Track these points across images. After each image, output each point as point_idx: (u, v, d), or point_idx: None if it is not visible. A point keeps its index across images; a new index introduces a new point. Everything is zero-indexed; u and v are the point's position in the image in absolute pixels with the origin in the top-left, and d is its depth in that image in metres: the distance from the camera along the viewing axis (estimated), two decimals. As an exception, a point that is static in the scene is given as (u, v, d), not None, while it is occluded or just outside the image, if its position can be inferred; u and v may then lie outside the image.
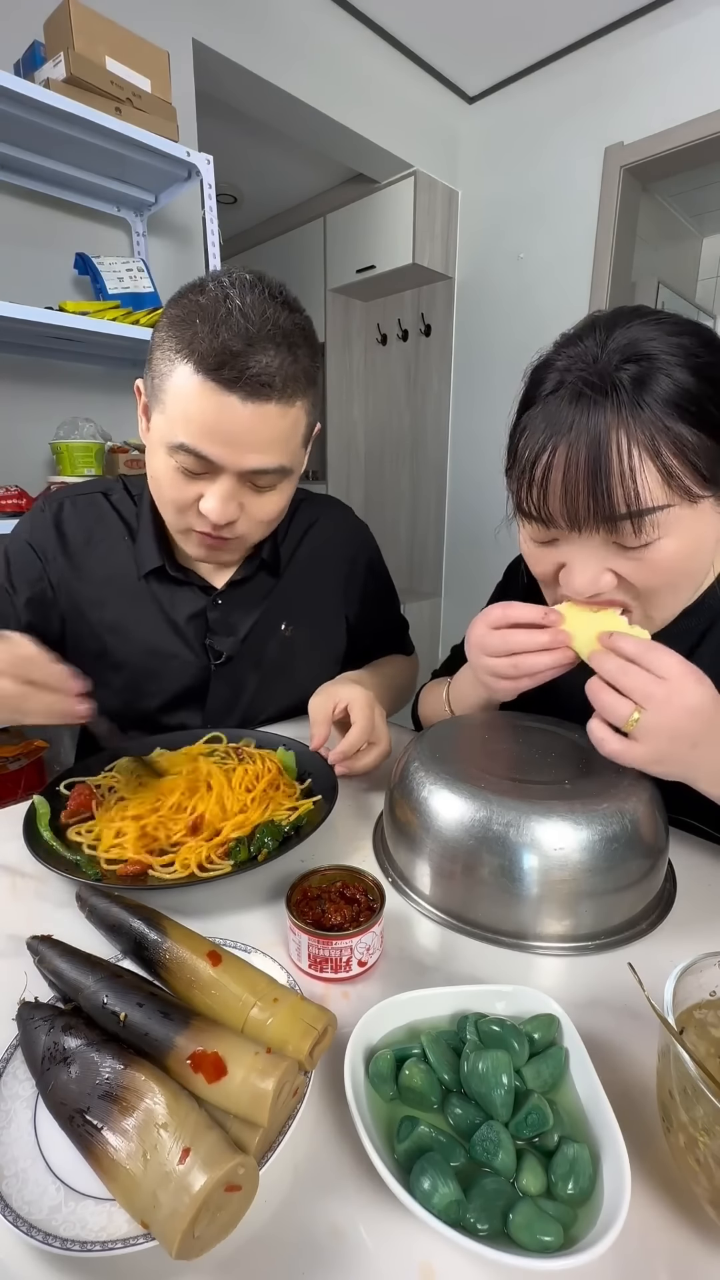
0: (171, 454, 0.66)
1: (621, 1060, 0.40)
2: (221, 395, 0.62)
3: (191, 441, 0.64)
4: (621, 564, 0.54)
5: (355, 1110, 0.33)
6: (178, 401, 0.64)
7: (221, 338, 0.61)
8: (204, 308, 0.62)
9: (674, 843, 0.59)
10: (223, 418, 0.63)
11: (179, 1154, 0.29)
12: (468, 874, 0.51)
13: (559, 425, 0.52)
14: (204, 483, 0.68)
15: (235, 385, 0.62)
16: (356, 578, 0.99)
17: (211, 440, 0.64)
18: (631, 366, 0.50)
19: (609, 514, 0.51)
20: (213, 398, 0.62)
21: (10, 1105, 0.35)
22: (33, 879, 0.58)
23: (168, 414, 0.65)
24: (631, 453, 0.49)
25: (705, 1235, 0.31)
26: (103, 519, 0.85)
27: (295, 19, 2.08)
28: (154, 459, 0.70)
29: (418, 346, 3.07)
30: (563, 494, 0.52)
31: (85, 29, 1.43)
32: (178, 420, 0.64)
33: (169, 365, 0.64)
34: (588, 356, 0.52)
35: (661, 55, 2.15)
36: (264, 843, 0.58)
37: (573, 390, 0.52)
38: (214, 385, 0.62)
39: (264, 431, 0.65)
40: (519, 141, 2.58)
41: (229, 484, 0.68)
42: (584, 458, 0.50)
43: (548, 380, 0.55)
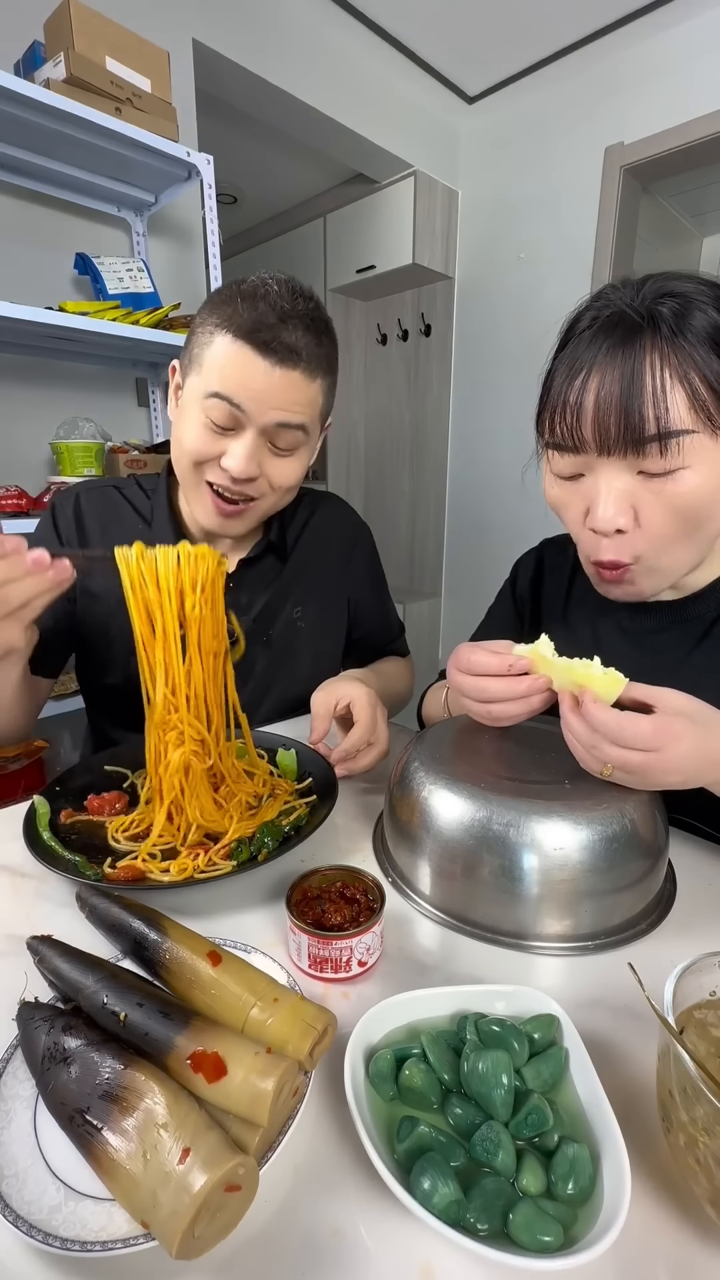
0: (203, 405, 0.73)
1: (621, 1060, 0.40)
2: (255, 357, 0.71)
3: (225, 390, 0.71)
4: (644, 499, 0.56)
5: (355, 1110, 0.33)
6: (214, 361, 0.72)
7: (259, 309, 0.70)
8: (244, 291, 0.72)
9: (674, 843, 0.59)
10: (255, 376, 0.71)
11: (179, 1154, 0.29)
12: (468, 874, 0.51)
13: (596, 352, 0.55)
14: (229, 439, 0.75)
15: (267, 350, 0.70)
16: (357, 563, 1.03)
17: (242, 391, 0.71)
18: (669, 301, 0.54)
19: (638, 435, 0.53)
20: (247, 359, 0.71)
21: (10, 1105, 0.35)
22: (33, 879, 0.58)
23: (204, 373, 0.73)
24: (664, 375, 0.52)
25: (705, 1235, 0.31)
26: (116, 508, 0.90)
27: (295, 19, 2.08)
28: (183, 418, 0.77)
29: (418, 346, 3.07)
30: (595, 415, 0.54)
31: (85, 29, 1.43)
32: (214, 375, 0.72)
33: (208, 337, 0.73)
34: (625, 298, 0.56)
35: (661, 55, 2.15)
36: (264, 843, 0.58)
37: (610, 322, 0.55)
38: (249, 349, 0.70)
39: (289, 393, 0.73)
40: (519, 141, 2.58)
41: (252, 440, 0.74)
42: (619, 378, 0.53)
43: (583, 320, 0.58)
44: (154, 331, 1.61)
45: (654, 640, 0.70)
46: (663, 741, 0.46)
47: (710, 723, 0.49)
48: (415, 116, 2.56)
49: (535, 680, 0.54)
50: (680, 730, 0.47)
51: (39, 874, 0.58)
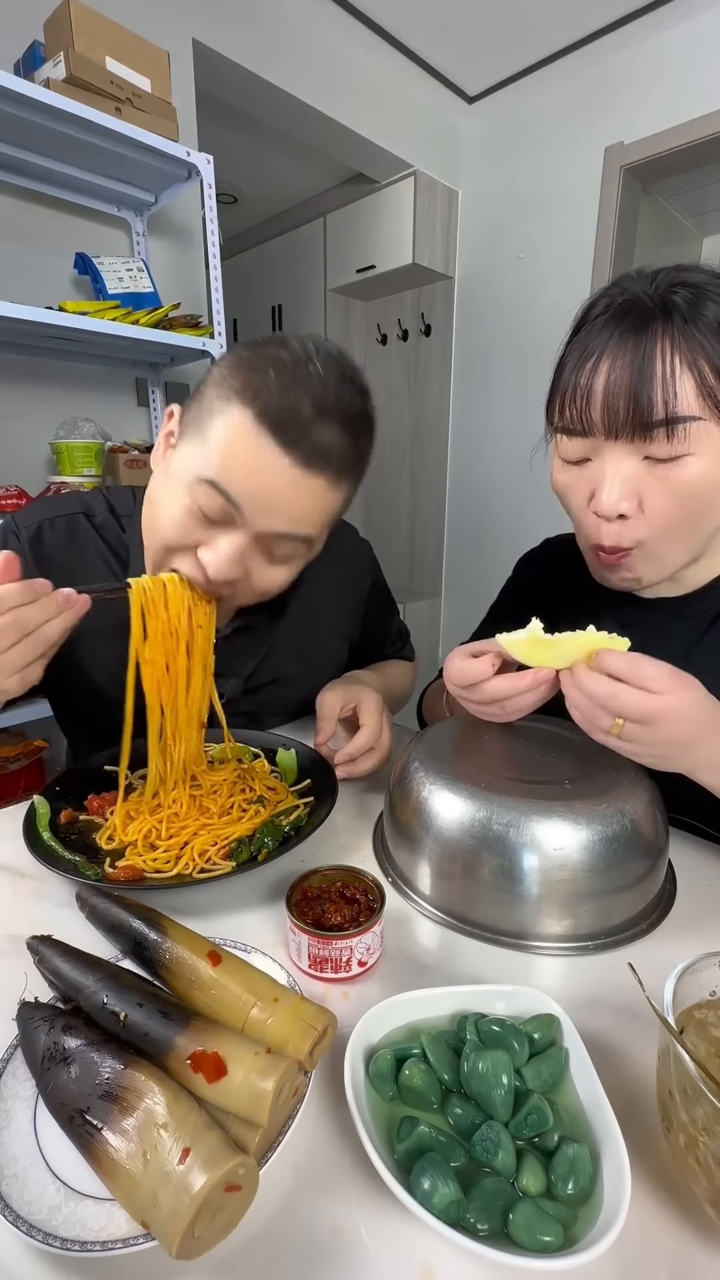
0: (193, 489, 0.60)
1: (621, 1060, 0.40)
2: (276, 453, 0.58)
3: (225, 481, 0.59)
4: (649, 485, 0.56)
5: (355, 1110, 0.33)
6: (224, 439, 0.59)
7: (294, 395, 0.57)
8: (282, 361, 0.58)
9: (674, 843, 0.59)
10: (269, 473, 0.58)
11: (179, 1154, 0.29)
12: (468, 874, 0.51)
13: (609, 337, 0.55)
14: (215, 531, 0.62)
15: (292, 446, 0.58)
16: (360, 601, 0.96)
17: (247, 487, 0.59)
18: (683, 291, 0.54)
19: (646, 419, 0.53)
20: (266, 450, 0.58)
21: (10, 1105, 0.35)
22: (33, 879, 0.58)
23: (207, 447, 0.60)
24: (674, 361, 0.53)
25: (705, 1235, 0.31)
26: (85, 547, 0.76)
27: (295, 19, 2.08)
28: (167, 490, 0.64)
29: (418, 346, 3.07)
30: (605, 398, 0.55)
31: (85, 29, 1.43)
32: (216, 456, 0.59)
33: (225, 402, 0.59)
34: (638, 287, 0.57)
35: (661, 55, 2.15)
36: (264, 843, 0.58)
37: (623, 308, 0.56)
38: (271, 440, 0.57)
39: (305, 502, 0.61)
40: (519, 141, 2.58)
41: (241, 542, 0.62)
42: (629, 363, 0.54)
43: (597, 306, 0.59)
44: (154, 331, 1.61)
45: (655, 637, 0.69)
46: (677, 685, 0.47)
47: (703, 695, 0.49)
48: (415, 116, 2.56)
49: (537, 674, 0.54)
50: (691, 680, 0.48)
51: (39, 874, 0.58)
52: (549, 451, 0.64)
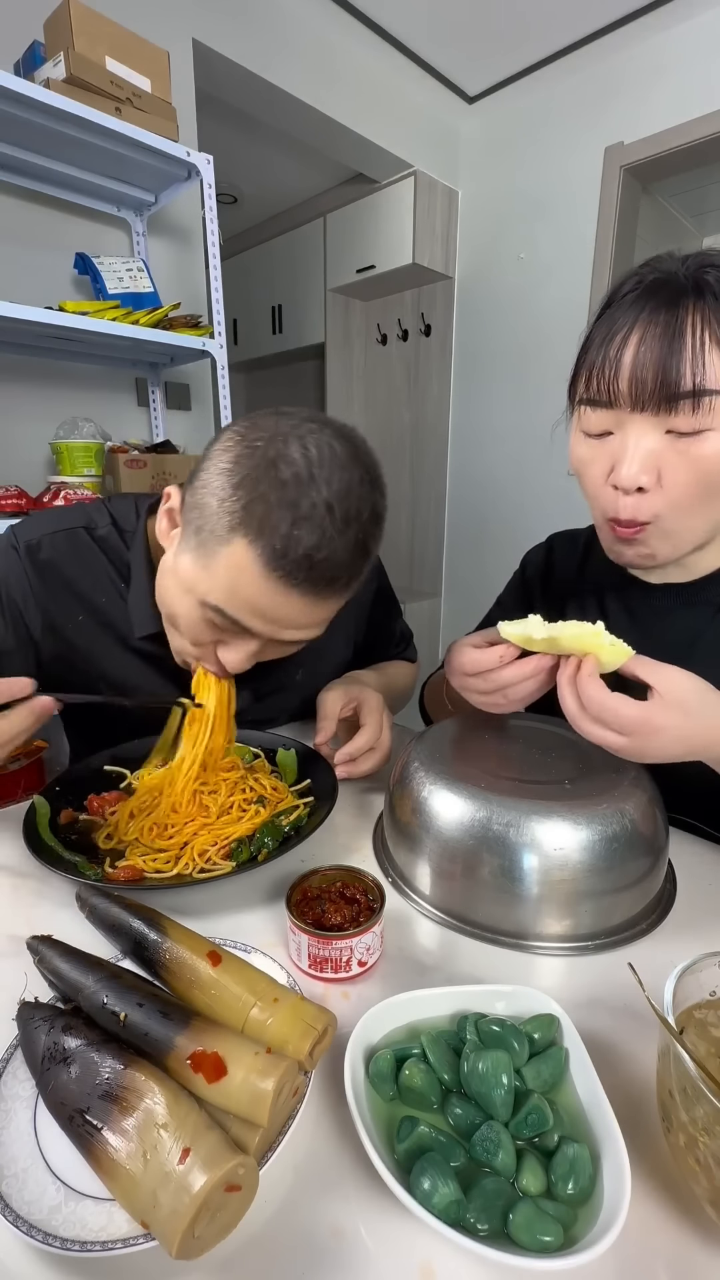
0: (202, 607, 0.59)
1: (621, 1060, 0.40)
2: (284, 593, 0.56)
3: (232, 611, 0.58)
4: (669, 460, 0.56)
5: (355, 1110, 0.33)
6: (229, 573, 0.56)
7: (304, 544, 0.53)
8: (284, 486, 0.53)
9: (674, 843, 0.59)
10: (280, 609, 0.58)
11: (179, 1154, 0.29)
12: (468, 874, 0.51)
13: (639, 312, 0.56)
14: (230, 633, 0.62)
15: (304, 585, 0.56)
16: (365, 605, 0.96)
17: (255, 619, 0.58)
18: (715, 271, 0.55)
19: (673, 391, 0.53)
20: (273, 592, 0.56)
21: (10, 1105, 0.35)
22: (33, 879, 0.58)
23: (211, 574, 0.57)
24: (704, 336, 0.53)
25: (705, 1235, 0.31)
26: (88, 562, 0.74)
27: (295, 19, 2.08)
28: (178, 596, 0.62)
29: (418, 346, 3.07)
30: (633, 369, 0.55)
31: (85, 29, 1.43)
32: (222, 587, 0.57)
33: (227, 530, 0.55)
34: (670, 266, 0.57)
35: (661, 55, 2.15)
36: (264, 843, 0.58)
37: (655, 285, 0.56)
38: (280, 582, 0.55)
39: (314, 618, 0.61)
40: (519, 141, 2.58)
41: (255, 647, 0.62)
42: (659, 335, 0.54)
43: (627, 284, 0.59)
44: (154, 331, 1.61)
45: (662, 624, 0.70)
46: (642, 732, 0.48)
47: (701, 710, 0.49)
48: (415, 116, 2.56)
49: (540, 661, 0.55)
50: (663, 722, 0.48)
51: (39, 874, 0.58)
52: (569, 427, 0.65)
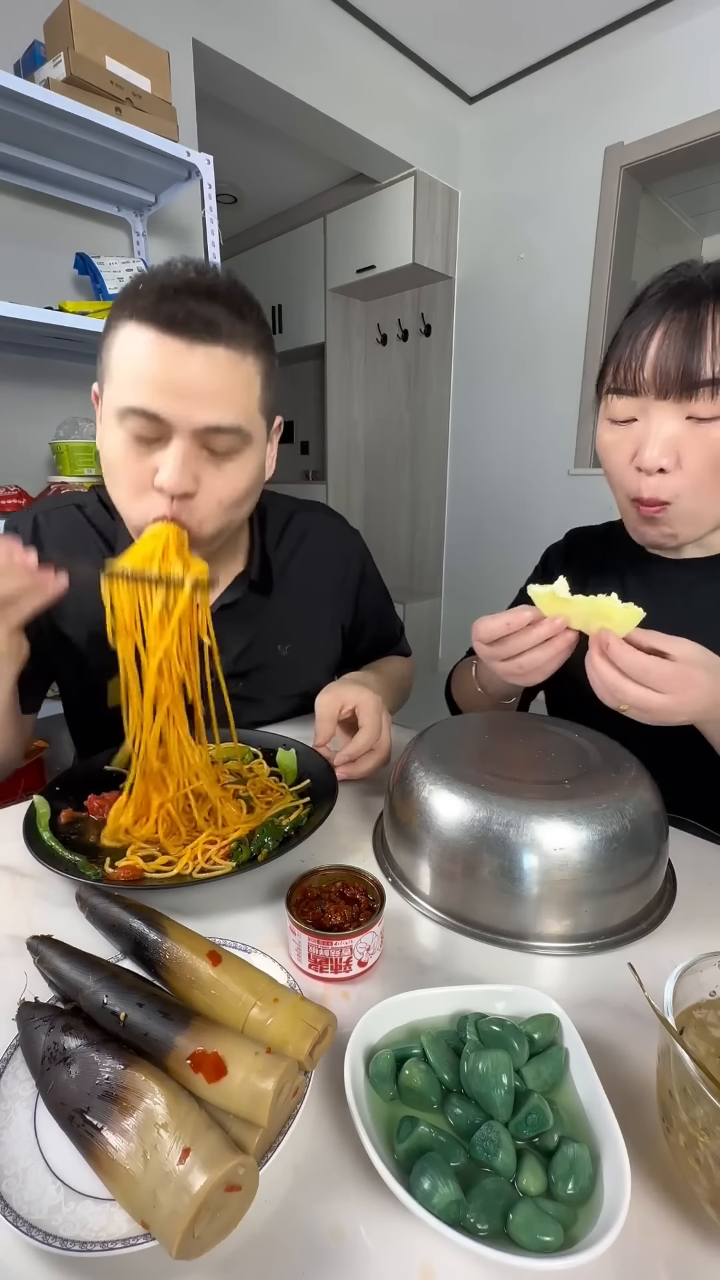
0: (121, 421, 0.63)
1: (621, 1060, 0.40)
2: (166, 341, 0.59)
3: (139, 401, 0.61)
4: (688, 444, 0.62)
5: (355, 1110, 0.33)
6: (123, 363, 0.62)
7: (160, 283, 0.60)
8: (145, 275, 0.63)
9: (674, 843, 0.59)
10: (169, 366, 0.60)
11: (179, 1154, 0.29)
12: (468, 874, 0.51)
13: (664, 308, 0.61)
14: (157, 451, 0.64)
15: (177, 326, 0.59)
16: (350, 587, 0.98)
17: (159, 393, 0.60)
18: None
19: (694, 379, 0.59)
20: (157, 346, 0.59)
21: (10, 1105, 0.35)
22: (33, 879, 0.58)
23: (115, 381, 0.63)
24: None
25: (705, 1235, 0.31)
26: (78, 533, 0.82)
27: (295, 19, 2.08)
28: (106, 441, 0.66)
29: (418, 346, 3.07)
30: (656, 360, 0.61)
31: (85, 29, 1.43)
32: (126, 382, 0.61)
33: (113, 335, 0.63)
34: (692, 272, 0.62)
35: (661, 55, 2.15)
36: (264, 843, 0.58)
37: (679, 288, 0.61)
38: (156, 331, 0.59)
39: (214, 380, 0.61)
40: (519, 141, 2.58)
41: (182, 446, 0.63)
42: (682, 329, 0.59)
43: (653, 288, 0.64)
44: (154, 331, 1.61)
45: (682, 598, 0.74)
46: (682, 686, 0.51)
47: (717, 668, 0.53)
48: (415, 116, 2.56)
49: (553, 622, 0.57)
50: (699, 678, 0.51)
51: (39, 874, 0.58)
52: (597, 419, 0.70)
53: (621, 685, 0.52)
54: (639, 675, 0.51)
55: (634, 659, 0.51)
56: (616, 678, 0.52)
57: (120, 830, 0.61)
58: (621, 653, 0.52)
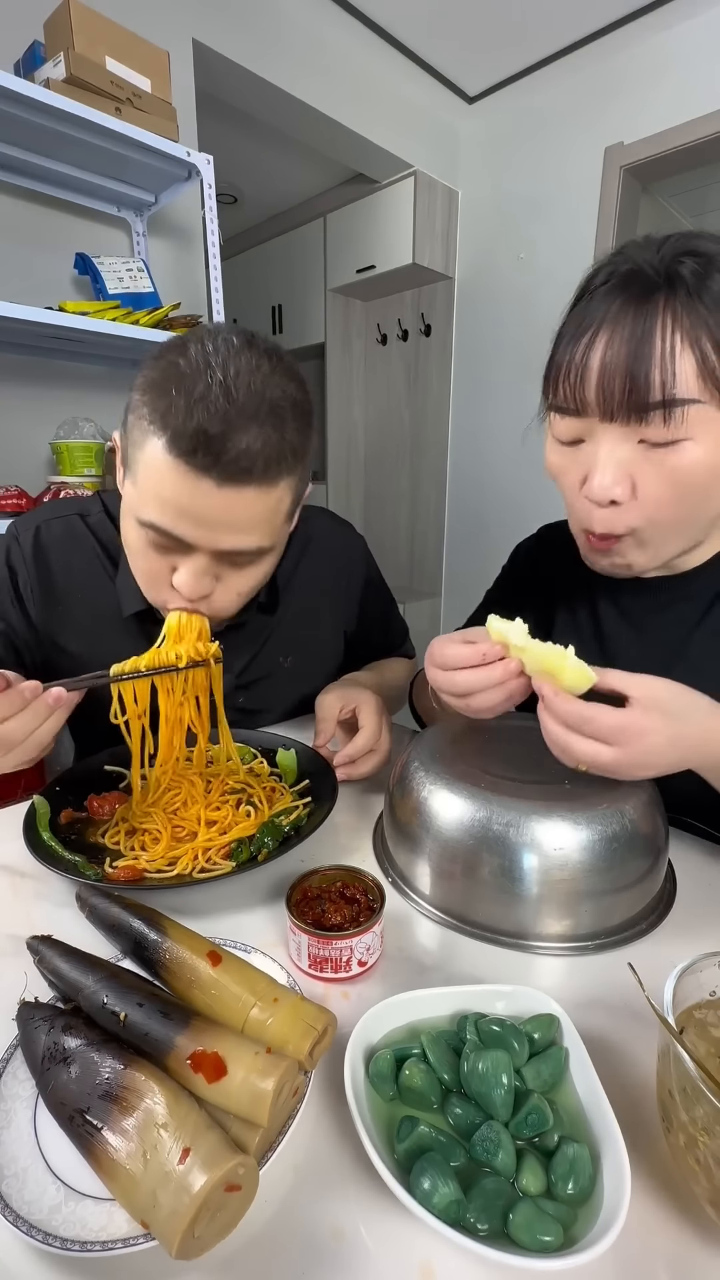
0: (140, 528, 0.61)
1: (621, 1060, 0.40)
2: (195, 478, 0.56)
3: (161, 522, 0.59)
4: (643, 469, 0.54)
5: (355, 1110, 0.33)
6: (149, 476, 0.58)
7: (197, 418, 0.54)
8: (183, 376, 0.55)
9: (674, 843, 0.59)
10: (195, 501, 0.57)
11: (179, 1154, 0.29)
12: (468, 874, 0.51)
13: (608, 310, 0.52)
14: (177, 556, 0.63)
15: (210, 470, 0.56)
16: (354, 594, 0.96)
17: (182, 522, 0.59)
18: (690, 261, 0.51)
19: (643, 400, 0.50)
20: (185, 480, 0.56)
21: (10, 1105, 0.35)
22: (33, 879, 0.58)
23: (139, 486, 0.60)
24: (675, 338, 0.49)
25: (705, 1235, 0.31)
26: (81, 546, 0.79)
27: (295, 19, 2.08)
28: (126, 523, 0.65)
29: (418, 346, 3.07)
30: (600, 377, 0.52)
31: (85, 29, 1.43)
32: (149, 496, 0.59)
33: (142, 434, 0.58)
34: (644, 254, 0.53)
35: (661, 55, 2.15)
36: (264, 843, 0.58)
37: (626, 278, 0.52)
38: (186, 467, 0.56)
39: (241, 515, 0.59)
40: (519, 141, 2.58)
41: (203, 561, 0.62)
42: (627, 339, 0.50)
43: (599, 275, 0.56)
44: (154, 331, 1.61)
45: (654, 620, 0.69)
46: (630, 737, 0.45)
47: (685, 711, 0.47)
48: (415, 116, 2.56)
49: (508, 665, 0.52)
50: (649, 725, 0.45)
51: (39, 874, 0.58)
52: (544, 429, 0.62)
53: (567, 740, 0.47)
54: (579, 726, 0.46)
55: (571, 709, 0.46)
56: (561, 732, 0.47)
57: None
58: (557, 704, 0.47)
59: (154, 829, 0.62)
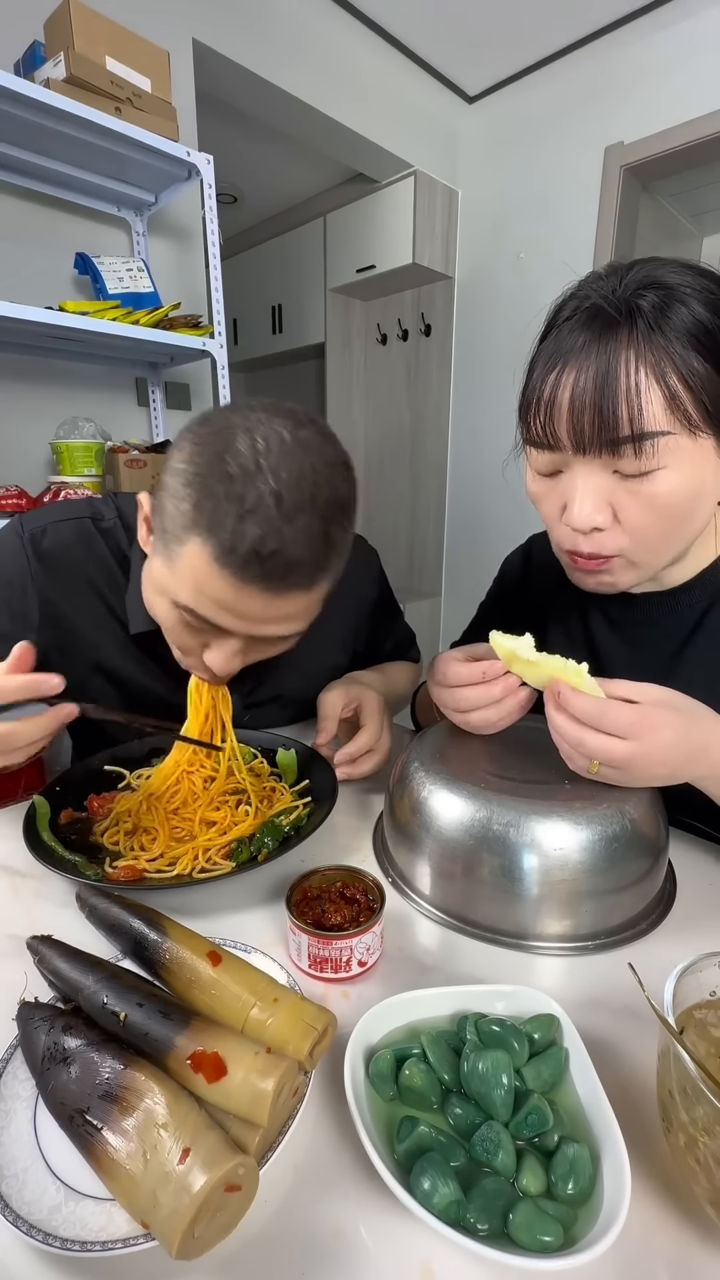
0: (176, 607, 0.59)
1: (621, 1060, 0.40)
2: (240, 585, 0.54)
3: (201, 610, 0.57)
4: (621, 498, 0.54)
5: (355, 1110, 0.33)
6: (189, 573, 0.55)
7: (249, 537, 0.51)
8: (231, 478, 0.51)
9: (674, 843, 0.59)
10: (239, 604, 0.55)
11: (179, 1154, 0.29)
12: (468, 874, 0.51)
13: (573, 347, 0.53)
14: (210, 635, 0.61)
15: (257, 580, 0.53)
16: (364, 614, 0.95)
17: (223, 615, 0.57)
18: (650, 294, 0.51)
19: (613, 435, 0.51)
20: (230, 587, 0.54)
21: (10, 1105, 0.35)
22: (33, 879, 0.58)
23: (176, 574, 0.57)
24: (639, 372, 0.50)
25: (705, 1235, 0.31)
26: (91, 553, 0.76)
27: (295, 18, 2.08)
28: (156, 598, 0.62)
29: (418, 346, 3.07)
30: (569, 413, 0.52)
31: (85, 29, 1.43)
32: (187, 587, 0.56)
33: (183, 529, 0.54)
34: (607, 287, 0.53)
35: (661, 55, 2.15)
36: (264, 843, 0.58)
37: (589, 314, 0.53)
38: (234, 578, 0.53)
39: (281, 613, 0.58)
40: (519, 141, 2.58)
41: (234, 646, 0.61)
42: (593, 375, 0.51)
43: (565, 309, 0.56)
44: (154, 331, 1.61)
45: (644, 634, 0.69)
46: (644, 730, 0.46)
47: (694, 713, 0.49)
48: (415, 116, 2.56)
49: (508, 681, 0.54)
50: (663, 720, 0.47)
51: (39, 874, 0.58)
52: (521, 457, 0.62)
53: (581, 736, 0.48)
54: (595, 720, 0.47)
55: (587, 703, 0.47)
56: (575, 728, 0.48)
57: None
58: (573, 698, 0.48)
59: (152, 827, 0.62)
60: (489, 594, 0.92)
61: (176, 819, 0.64)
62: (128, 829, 0.62)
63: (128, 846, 0.60)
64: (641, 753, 0.47)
